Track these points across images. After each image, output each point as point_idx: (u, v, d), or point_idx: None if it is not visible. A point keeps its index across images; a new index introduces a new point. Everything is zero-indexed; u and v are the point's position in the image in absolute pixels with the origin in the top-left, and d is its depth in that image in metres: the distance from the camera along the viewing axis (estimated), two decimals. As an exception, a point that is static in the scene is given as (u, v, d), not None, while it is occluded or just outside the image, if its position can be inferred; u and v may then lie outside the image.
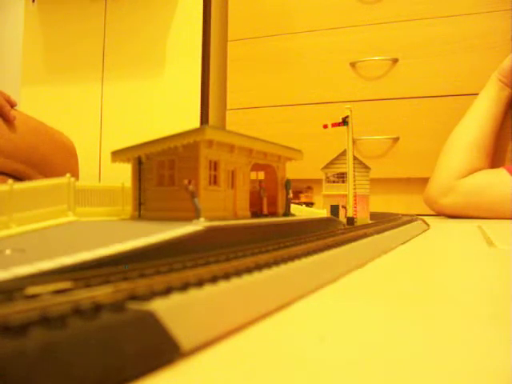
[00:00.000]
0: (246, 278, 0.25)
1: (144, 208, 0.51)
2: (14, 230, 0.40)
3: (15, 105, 1.06)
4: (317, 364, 0.18)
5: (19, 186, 0.43)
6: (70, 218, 0.47)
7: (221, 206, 0.53)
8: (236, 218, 0.54)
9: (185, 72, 1.81)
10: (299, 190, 1.32)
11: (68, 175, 0.49)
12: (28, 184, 0.45)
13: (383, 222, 0.78)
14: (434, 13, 1.56)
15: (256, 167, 0.64)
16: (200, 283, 0.22)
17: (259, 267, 0.28)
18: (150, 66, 1.86)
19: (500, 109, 1.40)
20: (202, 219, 0.44)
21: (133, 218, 0.52)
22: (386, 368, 0.18)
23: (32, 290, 0.18)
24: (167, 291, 0.20)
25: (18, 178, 1.00)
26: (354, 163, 0.84)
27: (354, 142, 1.57)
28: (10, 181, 0.42)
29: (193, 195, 0.45)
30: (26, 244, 0.35)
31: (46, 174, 1.07)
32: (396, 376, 0.17)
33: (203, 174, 0.49)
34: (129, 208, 0.54)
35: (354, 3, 1.66)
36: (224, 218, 0.50)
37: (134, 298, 0.19)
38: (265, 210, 0.65)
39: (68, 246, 0.33)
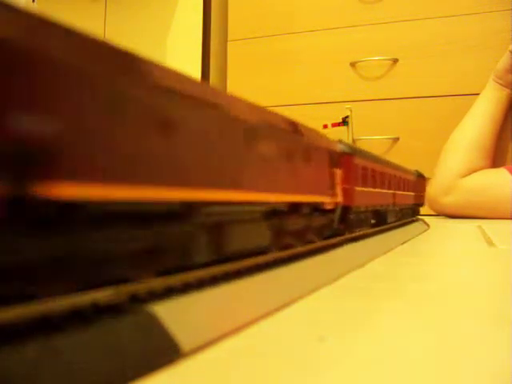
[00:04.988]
0: (246, 279, 0.25)
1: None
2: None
3: None
4: (316, 363, 0.18)
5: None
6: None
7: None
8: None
9: (185, 72, 1.81)
10: None
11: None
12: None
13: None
14: (434, 13, 1.56)
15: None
16: (200, 284, 0.22)
17: (259, 267, 0.28)
18: (150, 66, 1.85)
19: (499, 109, 1.40)
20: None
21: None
22: (386, 366, 0.18)
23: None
24: (167, 293, 0.20)
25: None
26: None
27: (354, 141, 1.57)
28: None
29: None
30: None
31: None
32: (396, 375, 0.17)
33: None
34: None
35: (354, 3, 1.66)
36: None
37: (134, 299, 0.19)
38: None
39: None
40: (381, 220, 0.68)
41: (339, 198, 0.48)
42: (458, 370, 0.18)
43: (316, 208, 0.42)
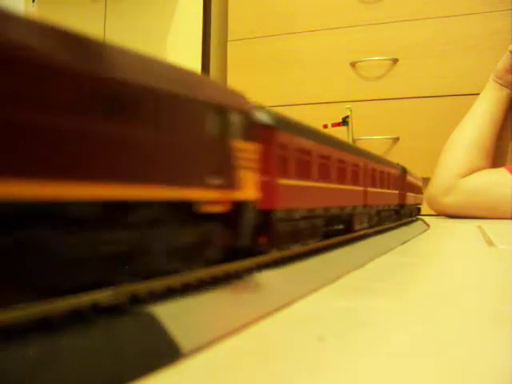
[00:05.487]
0: (246, 279, 0.25)
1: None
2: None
3: None
4: (316, 363, 0.18)
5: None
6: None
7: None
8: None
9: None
10: None
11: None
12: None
13: (383, 222, 0.77)
14: (434, 13, 1.56)
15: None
16: (200, 285, 0.22)
17: (259, 268, 0.28)
18: (150, 66, 1.85)
19: (499, 109, 1.40)
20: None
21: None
22: (386, 366, 0.18)
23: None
24: (168, 293, 0.20)
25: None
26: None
27: (354, 141, 1.57)
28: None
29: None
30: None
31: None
32: (396, 374, 0.17)
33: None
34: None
35: (354, 3, 1.66)
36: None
37: (134, 300, 0.19)
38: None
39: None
40: (344, 227, 0.50)
41: (248, 195, 0.29)
42: (459, 369, 0.18)
43: (181, 211, 0.23)
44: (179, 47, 1.80)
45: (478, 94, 1.44)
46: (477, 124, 1.39)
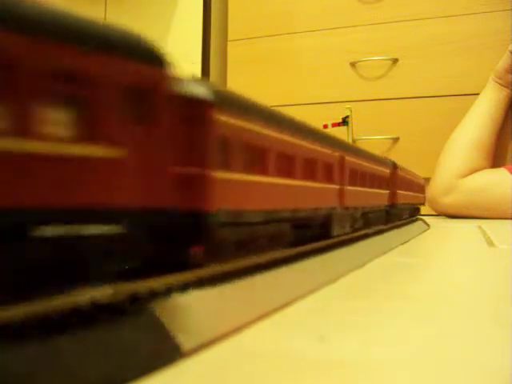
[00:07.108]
0: (247, 279, 0.25)
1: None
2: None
3: None
4: (316, 363, 0.18)
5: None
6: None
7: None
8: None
9: (184, 72, 1.81)
10: None
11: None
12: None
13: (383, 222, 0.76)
14: (434, 13, 1.56)
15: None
16: (200, 284, 0.22)
17: (259, 268, 0.28)
18: (150, 66, 1.85)
19: (499, 109, 1.40)
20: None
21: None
22: (386, 367, 0.18)
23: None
24: (168, 292, 0.20)
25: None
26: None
27: (354, 141, 1.57)
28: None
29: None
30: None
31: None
32: (396, 375, 0.17)
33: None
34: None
35: (354, 3, 1.66)
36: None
37: (134, 298, 0.19)
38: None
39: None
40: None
41: None
42: (458, 370, 0.18)
43: None
44: (179, 47, 1.80)
45: (478, 94, 1.44)
46: (477, 124, 1.40)
